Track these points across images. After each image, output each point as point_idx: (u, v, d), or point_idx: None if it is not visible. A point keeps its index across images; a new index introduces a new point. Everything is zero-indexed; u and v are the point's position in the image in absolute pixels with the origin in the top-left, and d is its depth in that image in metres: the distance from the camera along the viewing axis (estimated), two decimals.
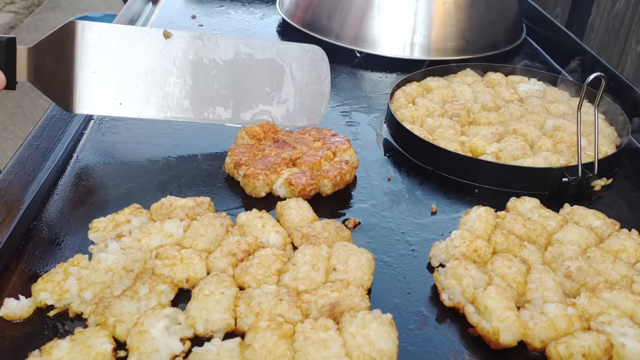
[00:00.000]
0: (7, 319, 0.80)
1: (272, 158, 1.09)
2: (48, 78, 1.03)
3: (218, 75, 1.16)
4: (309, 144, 1.15)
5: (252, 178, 1.04)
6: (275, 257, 0.87)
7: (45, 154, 1.16)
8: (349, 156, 1.13)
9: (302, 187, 1.03)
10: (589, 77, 1.10)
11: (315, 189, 1.05)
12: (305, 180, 1.04)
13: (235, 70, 1.17)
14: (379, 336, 0.73)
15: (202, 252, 0.88)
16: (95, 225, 0.94)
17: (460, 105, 1.35)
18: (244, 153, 1.10)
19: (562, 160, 1.14)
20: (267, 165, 1.07)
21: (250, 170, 1.05)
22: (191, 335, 0.77)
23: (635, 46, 1.82)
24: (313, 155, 1.10)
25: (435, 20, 1.66)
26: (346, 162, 1.10)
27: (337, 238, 0.92)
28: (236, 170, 1.08)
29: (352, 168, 1.09)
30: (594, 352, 0.74)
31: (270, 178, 1.05)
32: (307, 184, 1.03)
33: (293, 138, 1.16)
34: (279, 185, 1.05)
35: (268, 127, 1.18)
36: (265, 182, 1.05)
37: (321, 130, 1.20)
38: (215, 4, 2.11)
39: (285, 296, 0.79)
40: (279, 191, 1.06)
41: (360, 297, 0.80)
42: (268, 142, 1.15)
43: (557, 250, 0.90)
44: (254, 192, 1.06)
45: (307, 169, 1.08)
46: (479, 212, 0.97)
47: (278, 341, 0.71)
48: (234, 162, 1.09)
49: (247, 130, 1.16)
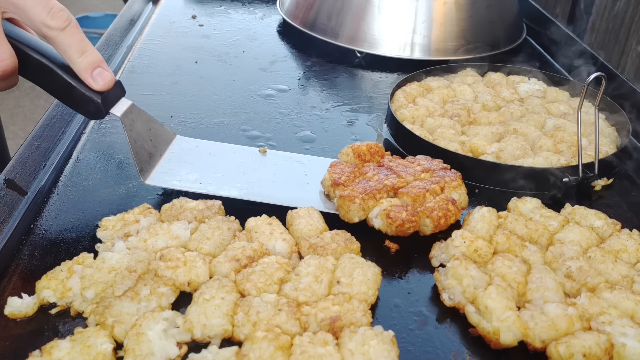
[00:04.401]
0: (12, 317, 0.80)
1: (372, 183, 1.01)
2: (136, 135, 1.03)
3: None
4: (415, 174, 1.05)
5: (347, 201, 0.97)
6: (279, 265, 0.85)
7: (45, 154, 1.16)
8: (458, 195, 1.03)
9: (401, 223, 0.94)
10: (590, 77, 1.10)
11: (414, 227, 0.96)
12: (405, 216, 0.95)
13: None
14: (378, 354, 0.71)
15: (206, 256, 0.87)
16: (104, 223, 0.93)
17: (460, 105, 1.35)
18: (344, 172, 1.04)
19: (563, 160, 1.14)
20: (366, 190, 0.99)
21: (348, 192, 0.98)
22: (188, 340, 0.76)
23: (635, 46, 1.81)
24: (418, 187, 1.00)
25: (435, 20, 1.66)
26: (453, 201, 1.00)
27: (346, 250, 0.90)
28: (332, 189, 1.02)
29: (458, 210, 1.00)
30: (595, 352, 0.73)
31: (368, 204, 0.97)
32: (407, 220, 0.94)
33: (400, 165, 1.07)
34: (375, 215, 0.98)
35: (376, 148, 1.11)
36: (361, 207, 0.97)
37: (432, 160, 1.10)
38: (215, 4, 2.11)
39: (285, 307, 0.77)
40: (375, 221, 0.98)
41: (362, 312, 0.78)
42: (372, 165, 1.08)
43: (558, 250, 0.90)
44: (347, 216, 0.98)
45: (409, 201, 0.99)
46: (482, 213, 0.97)
47: (275, 353, 0.70)
48: (332, 180, 1.02)
49: (353, 148, 1.10)
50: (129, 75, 1.55)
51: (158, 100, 1.43)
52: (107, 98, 0.97)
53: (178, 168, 1.09)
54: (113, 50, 1.70)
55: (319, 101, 1.47)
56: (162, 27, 1.89)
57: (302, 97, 1.50)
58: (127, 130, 1.00)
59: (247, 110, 1.41)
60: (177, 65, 1.63)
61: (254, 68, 1.65)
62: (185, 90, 1.49)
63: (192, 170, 1.09)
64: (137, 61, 1.63)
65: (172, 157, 1.11)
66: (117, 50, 1.72)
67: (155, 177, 1.05)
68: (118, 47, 1.73)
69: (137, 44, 1.74)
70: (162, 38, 1.81)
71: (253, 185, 1.07)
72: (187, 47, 1.75)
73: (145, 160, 1.05)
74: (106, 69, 0.95)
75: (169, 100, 1.43)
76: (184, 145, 1.15)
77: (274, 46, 1.80)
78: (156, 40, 1.79)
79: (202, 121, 1.34)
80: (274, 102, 1.46)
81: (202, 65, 1.64)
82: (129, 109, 1.01)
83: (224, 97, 1.47)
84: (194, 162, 1.11)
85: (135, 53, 1.68)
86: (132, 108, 1.02)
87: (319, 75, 1.62)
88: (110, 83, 0.95)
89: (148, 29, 1.87)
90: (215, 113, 1.39)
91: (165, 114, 1.36)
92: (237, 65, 1.65)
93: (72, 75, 0.94)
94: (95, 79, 0.94)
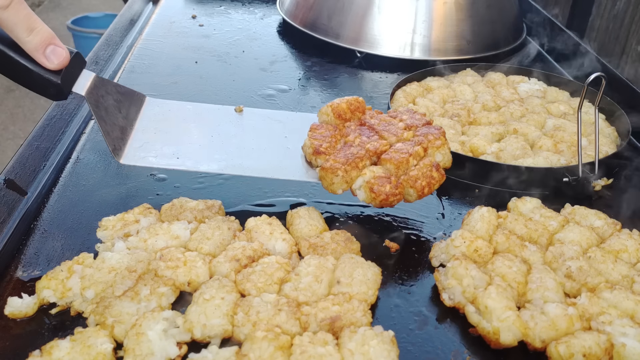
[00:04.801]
0: (12, 317, 0.80)
1: (355, 149, 0.98)
2: (104, 112, 0.96)
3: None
4: (397, 132, 1.02)
5: (330, 173, 0.94)
6: (279, 265, 0.85)
7: (45, 154, 1.16)
8: (442, 155, 1.01)
9: (385, 197, 0.92)
10: (590, 77, 1.10)
11: (398, 200, 0.94)
12: (389, 189, 0.92)
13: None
14: (378, 354, 0.71)
15: (206, 256, 0.87)
16: (104, 223, 0.93)
17: (460, 105, 1.35)
18: (325, 137, 1.00)
19: (563, 160, 1.14)
20: (348, 158, 0.95)
21: (330, 164, 0.95)
22: (188, 340, 0.76)
23: (635, 46, 1.81)
24: (400, 152, 0.97)
25: (435, 20, 1.66)
26: (437, 166, 0.98)
27: (346, 250, 0.90)
28: (314, 157, 0.99)
29: (442, 175, 0.98)
30: (595, 352, 0.73)
31: (350, 175, 0.95)
32: (391, 193, 0.92)
33: (381, 123, 1.04)
34: (358, 186, 0.95)
35: (356, 104, 1.06)
36: (345, 179, 0.94)
37: (414, 114, 1.07)
38: (215, 4, 2.11)
39: (285, 307, 0.77)
40: (358, 193, 0.95)
41: (362, 312, 0.78)
42: (353, 125, 1.04)
43: (558, 250, 0.90)
44: (330, 187, 0.95)
45: (392, 168, 0.96)
46: (481, 213, 0.97)
47: (274, 353, 0.70)
48: (313, 148, 0.99)
49: (333, 107, 1.05)
50: (129, 75, 1.55)
51: None
52: (67, 76, 0.90)
53: (153, 140, 1.02)
54: (113, 50, 1.70)
55: (319, 101, 1.47)
56: (162, 27, 1.89)
57: (302, 97, 1.50)
58: (94, 108, 0.93)
59: None
60: (177, 65, 1.63)
61: (254, 68, 1.64)
62: (185, 90, 1.49)
63: (168, 141, 1.02)
64: (137, 61, 1.63)
65: (145, 126, 1.04)
66: (117, 50, 1.72)
67: (130, 155, 0.99)
68: (118, 47, 1.73)
69: (137, 44, 1.74)
70: (162, 38, 1.81)
71: (232, 156, 1.02)
72: (187, 47, 1.75)
73: (118, 137, 0.98)
74: (60, 45, 0.88)
75: None
76: (155, 109, 1.07)
77: (274, 46, 1.80)
78: (156, 40, 1.79)
79: None
80: (274, 102, 1.46)
81: (202, 65, 1.64)
82: (93, 83, 0.94)
83: (224, 97, 1.47)
84: (168, 131, 1.04)
85: (135, 53, 1.68)
86: (96, 81, 0.94)
87: (319, 75, 1.62)
88: (65, 60, 0.88)
89: (148, 29, 1.87)
90: None
91: None
92: (237, 65, 1.65)
93: (25, 55, 0.86)
94: (49, 58, 0.86)
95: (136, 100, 1.06)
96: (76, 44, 4.46)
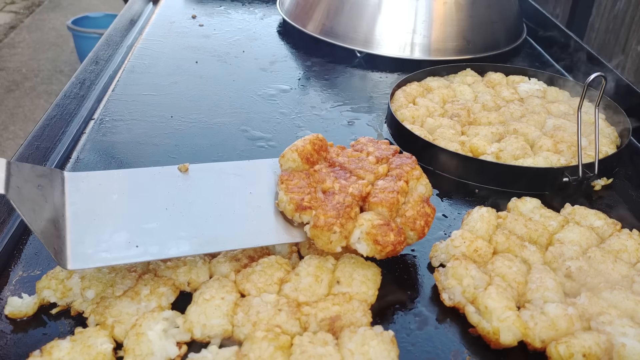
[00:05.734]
0: (12, 317, 0.80)
1: (339, 196, 0.87)
2: (30, 206, 0.75)
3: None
4: (371, 168, 0.94)
5: (326, 230, 0.83)
6: (279, 265, 0.85)
7: (45, 154, 1.16)
8: (424, 187, 0.94)
9: (393, 247, 0.84)
10: (590, 77, 1.10)
11: (404, 246, 0.86)
12: (394, 238, 0.83)
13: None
14: (378, 354, 0.71)
15: (206, 256, 0.87)
16: None
17: (460, 105, 1.35)
18: (302, 188, 0.89)
19: (563, 160, 1.14)
20: (338, 210, 0.84)
21: (323, 220, 0.83)
22: (188, 340, 0.76)
23: (635, 46, 1.82)
24: (387, 191, 0.89)
25: (435, 20, 1.66)
26: (427, 200, 0.91)
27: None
28: (298, 214, 0.87)
29: (433, 210, 0.91)
30: (595, 352, 0.74)
31: (347, 228, 0.84)
32: (397, 242, 0.84)
33: (351, 160, 0.96)
34: (356, 239, 0.85)
35: (319, 143, 0.96)
36: (343, 234, 0.83)
37: (378, 144, 0.99)
38: (215, 4, 2.11)
39: (285, 307, 0.77)
40: (358, 246, 0.85)
41: (362, 312, 0.78)
42: (323, 167, 0.95)
43: (558, 250, 0.90)
44: (328, 247, 0.83)
45: (385, 211, 0.87)
46: (480, 213, 0.97)
47: (274, 353, 0.70)
48: (295, 204, 0.87)
49: (299, 151, 0.93)
50: (129, 75, 1.55)
51: (158, 100, 1.43)
52: None
53: (94, 229, 0.81)
54: (113, 50, 1.70)
55: (319, 101, 1.47)
56: (162, 27, 1.89)
57: (302, 97, 1.50)
58: (19, 206, 0.72)
59: (247, 110, 1.41)
60: (177, 65, 1.63)
61: (254, 68, 1.65)
62: (185, 90, 1.49)
63: (114, 226, 0.82)
64: (137, 61, 1.63)
65: (77, 212, 0.82)
66: (117, 50, 1.72)
67: (76, 256, 0.78)
68: (118, 47, 1.73)
69: (137, 44, 1.74)
70: (162, 38, 1.81)
71: (201, 230, 0.85)
72: (187, 47, 1.75)
73: (54, 235, 0.77)
74: None
75: (169, 100, 1.43)
76: (81, 186, 0.86)
77: (274, 46, 1.80)
78: (156, 40, 1.79)
79: (202, 121, 1.34)
80: (274, 102, 1.46)
81: (202, 65, 1.64)
82: (7, 172, 0.74)
83: (224, 97, 1.47)
84: (110, 212, 0.84)
85: (135, 53, 1.68)
86: (10, 169, 0.74)
87: (319, 75, 1.63)
88: None
89: (148, 29, 1.87)
90: (215, 113, 1.39)
91: (165, 114, 1.36)
92: (237, 65, 1.65)
93: None
94: None
95: (55, 180, 0.84)
96: (76, 44, 4.47)
